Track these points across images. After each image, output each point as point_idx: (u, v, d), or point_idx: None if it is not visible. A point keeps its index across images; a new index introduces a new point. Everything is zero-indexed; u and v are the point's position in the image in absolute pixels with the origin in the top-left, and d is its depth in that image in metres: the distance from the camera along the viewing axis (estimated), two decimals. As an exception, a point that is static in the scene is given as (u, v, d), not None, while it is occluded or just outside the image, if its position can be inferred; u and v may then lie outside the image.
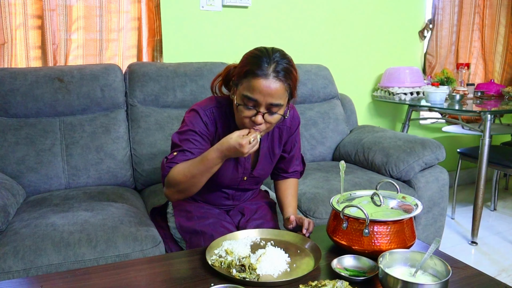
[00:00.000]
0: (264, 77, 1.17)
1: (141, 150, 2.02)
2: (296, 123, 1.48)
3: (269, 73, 1.17)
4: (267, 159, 1.45)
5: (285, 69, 1.19)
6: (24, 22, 2.08)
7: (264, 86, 1.17)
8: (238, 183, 1.45)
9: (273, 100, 1.19)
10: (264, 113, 1.21)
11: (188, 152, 1.27)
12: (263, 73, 1.17)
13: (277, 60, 1.19)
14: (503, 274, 2.20)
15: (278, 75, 1.18)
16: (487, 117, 2.46)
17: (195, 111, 1.32)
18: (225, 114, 1.34)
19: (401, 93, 2.93)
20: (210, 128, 1.32)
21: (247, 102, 1.20)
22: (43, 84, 1.93)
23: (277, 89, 1.18)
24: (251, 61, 1.20)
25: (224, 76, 1.36)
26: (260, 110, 1.20)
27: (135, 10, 2.28)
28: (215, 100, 1.36)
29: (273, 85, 1.17)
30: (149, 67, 2.15)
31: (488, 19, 3.49)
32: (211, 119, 1.32)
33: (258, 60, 1.19)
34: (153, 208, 1.65)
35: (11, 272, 1.27)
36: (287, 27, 2.76)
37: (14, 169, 1.82)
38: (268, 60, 1.18)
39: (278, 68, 1.18)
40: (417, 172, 2.07)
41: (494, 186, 3.08)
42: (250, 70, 1.18)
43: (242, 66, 1.23)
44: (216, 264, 1.13)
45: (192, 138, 1.29)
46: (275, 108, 1.21)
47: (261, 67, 1.17)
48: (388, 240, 1.15)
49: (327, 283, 1.01)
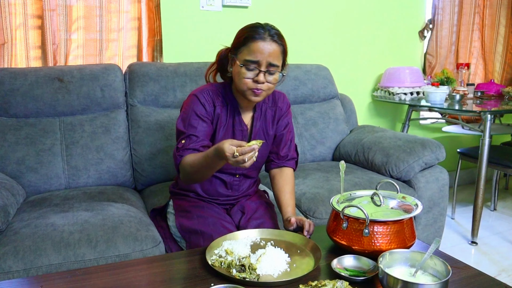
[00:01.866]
0: (262, 39, 1.31)
1: (141, 150, 2.02)
2: (287, 105, 1.58)
3: (266, 36, 1.32)
4: (261, 139, 1.50)
5: (278, 33, 1.35)
6: (24, 22, 2.08)
7: (263, 47, 1.31)
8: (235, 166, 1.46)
9: (272, 59, 1.32)
10: (265, 72, 1.32)
11: (194, 136, 1.37)
12: (260, 36, 1.32)
13: (270, 28, 1.35)
14: (503, 274, 2.20)
15: (274, 37, 1.33)
16: (487, 117, 2.46)
17: (192, 95, 1.43)
18: (222, 94, 1.45)
19: (401, 93, 2.93)
20: (208, 108, 1.41)
21: (249, 65, 1.32)
22: (43, 84, 1.93)
23: (274, 50, 1.32)
24: (248, 30, 1.35)
25: (218, 61, 1.48)
26: (261, 69, 1.32)
27: (135, 10, 2.28)
28: (210, 84, 1.48)
29: (271, 45, 1.32)
30: (149, 67, 2.15)
31: (488, 19, 3.50)
32: (208, 100, 1.42)
33: (254, 28, 1.34)
34: (153, 209, 1.65)
35: (11, 272, 1.27)
36: (287, 27, 2.76)
37: (14, 169, 1.82)
38: (262, 28, 1.34)
39: (272, 32, 1.34)
40: (417, 172, 2.07)
41: (494, 186, 3.09)
42: (249, 36, 1.32)
43: (239, 37, 1.36)
44: (216, 264, 1.13)
45: (194, 121, 1.39)
46: (273, 68, 1.33)
47: (258, 32, 1.32)
48: (388, 240, 1.15)
49: (327, 283, 1.01)
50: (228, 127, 1.45)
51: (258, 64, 1.31)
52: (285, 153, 1.57)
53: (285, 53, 1.38)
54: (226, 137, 1.43)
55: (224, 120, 1.44)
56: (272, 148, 1.58)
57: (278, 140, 1.56)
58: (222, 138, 1.42)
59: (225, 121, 1.44)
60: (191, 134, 1.37)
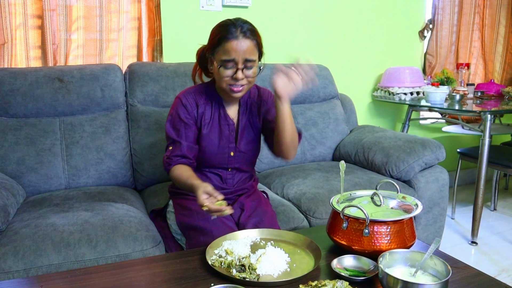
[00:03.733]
0: (235, 38, 1.34)
1: (141, 150, 2.02)
2: (270, 94, 1.59)
3: (238, 34, 1.35)
4: (249, 132, 1.54)
5: (250, 29, 1.37)
6: (24, 22, 2.08)
7: (237, 45, 1.34)
8: (227, 160, 1.52)
9: (247, 55, 1.35)
10: (242, 69, 1.36)
11: (178, 143, 1.46)
12: (233, 36, 1.34)
13: (241, 24, 1.37)
14: (503, 274, 2.20)
15: (246, 34, 1.35)
16: (487, 117, 2.46)
17: (177, 97, 1.50)
18: (205, 93, 1.51)
19: (401, 93, 2.93)
20: (190, 109, 1.47)
21: (226, 64, 1.36)
22: (43, 84, 1.93)
23: (248, 46, 1.35)
24: (220, 30, 1.37)
25: (199, 60, 1.53)
26: (238, 67, 1.36)
27: (135, 10, 2.28)
28: (195, 86, 1.54)
29: (244, 43, 1.35)
30: (149, 67, 2.15)
31: (488, 19, 3.50)
32: (190, 101, 1.48)
33: (225, 27, 1.36)
34: (152, 210, 1.65)
35: (11, 272, 1.27)
36: (287, 27, 2.77)
37: (14, 169, 1.82)
38: (234, 26, 1.36)
39: (244, 29, 1.36)
40: (417, 172, 2.07)
41: (494, 186, 3.08)
42: (222, 36, 1.35)
43: (213, 38, 1.40)
44: (216, 264, 1.13)
45: (178, 124, 1.47)
46: (249, 63, 1.37)
47: (230, 31, 1.35)
48: (388, 240, 1.15)
49: (327, 283, 1.01)
50: (214, 123, 1.50)
51: (234, 62, 1.35)
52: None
53: (259, 45, 1.41)
54: (213, 133, 1.49)
55: (208, 117, 1.49)
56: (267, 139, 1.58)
57: (270, 128, 1.53)
58: (208, 134, 1.49)
59: (210, 117, 1.50)
60: (176, 140, 1.46)
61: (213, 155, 1.50)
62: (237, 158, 1.53)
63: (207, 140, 1.49)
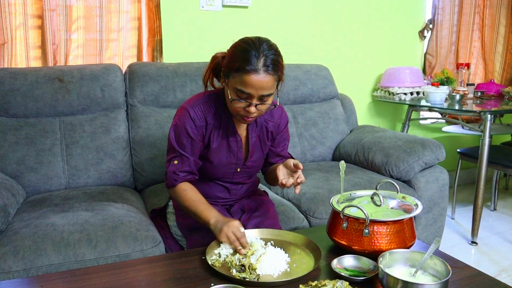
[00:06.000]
0: (255, 72, 1.21)
1: (141, 150, 2.02)
2: (285, 121, 1.53)
3: (259, 68, 1.21)
4: (258, 149, 1.49)
5: (273, 61, 1.23)
6: (24, 22, 2.08)
7: (256, 81, 1.21)
8: (232, 175, 1.48)
9: (264, 92, 1.24)
10: (257, 104, 1.26)
11: (186, 158, 1.37)
12: (253, 68, 1.20)
13: (266, 54, 1.22)
14: (503, 274, 2.20)
15: (268, 69, 1.22)
16: (487, 117, 2.46)
17: (184, 108, 1.38)
18: (214, 107, 1.39)
19: (401, 93, 2.93)
20: (198, 123, 1.37)
21: (240, 95, 1.25)
22: (43, 84, 1.93)
23: (267, 82, 1.23)
24: (240, 57, 1.23)
25: (213, 68, 1.40)
26: (252, 102, 1.26)
27: (135, 10, 2.28)
28: (203, 95, 1.41)
29: (265, 79, 1.22)
30: (149, 67, 2.15)
31: (488, 19, 3.49)
32: (199, 115, 1.37)
33: (247, 55, 1.21)
34: (152, 210, 1.65)
35: (11, 272, 1.27)
36: (287, 27, 2.76)
37: (14, 169, 1.82)
38: (257, 54, 1.21)
39: (268, 62, 1.22)
40: (417, 172, 2.07)
41: (494, 186, 3.08)
42: (241, 66, 1.21)
43: (231, 61, 1.26)
44: (216, 264, 1.13)
45: (184, 139, 1.37)
46: (265, 98, 1.27)
47: (251, 62, 1.20)
48: (388, 240, 1.15)
49: (327, 283, 1.02)
50: (223, 139, 1.42)
51: (249, 96, 1.24)
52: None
53: (281, 75, 1.28)
54: (221, 147, 1.42)
55: (217, 132, 1.41)
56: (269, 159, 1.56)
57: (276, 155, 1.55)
58: (217, 149, 1.41)
59: (219, 132, 1.41)
60: (183, 155, 1.37)
61: (219, 169, 1.45)
62: (242, 173, 1.49)
63: (215, 155, 1.41)
